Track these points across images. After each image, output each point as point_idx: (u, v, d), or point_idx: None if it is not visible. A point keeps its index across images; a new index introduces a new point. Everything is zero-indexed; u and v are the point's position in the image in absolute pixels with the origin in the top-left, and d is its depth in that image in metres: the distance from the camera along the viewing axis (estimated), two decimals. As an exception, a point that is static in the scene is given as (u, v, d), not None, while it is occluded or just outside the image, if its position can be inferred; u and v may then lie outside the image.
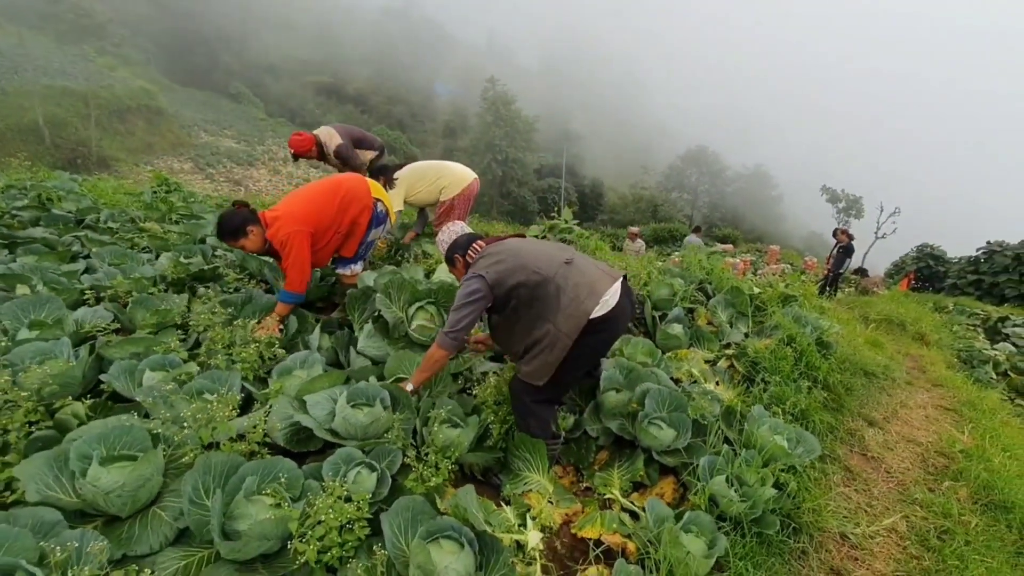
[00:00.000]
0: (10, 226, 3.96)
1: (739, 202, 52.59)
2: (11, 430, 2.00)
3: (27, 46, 28.13)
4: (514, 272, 2.29)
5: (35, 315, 2.71)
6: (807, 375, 3.41)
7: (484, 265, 2.35)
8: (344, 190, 3.21)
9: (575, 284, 2.27)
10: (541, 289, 2.27)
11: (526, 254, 2.37)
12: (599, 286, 2.29)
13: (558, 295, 2.25)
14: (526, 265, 2.31)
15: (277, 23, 56.26)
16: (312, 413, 2.31)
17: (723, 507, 2.27)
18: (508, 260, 2.34)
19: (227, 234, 2.95)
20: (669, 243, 22.30)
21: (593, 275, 2.34)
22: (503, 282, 2.29)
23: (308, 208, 3.07)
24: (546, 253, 2.41)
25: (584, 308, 2.22)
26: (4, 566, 1.52)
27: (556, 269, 2.31)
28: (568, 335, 2.21)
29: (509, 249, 2.42)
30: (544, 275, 2.28)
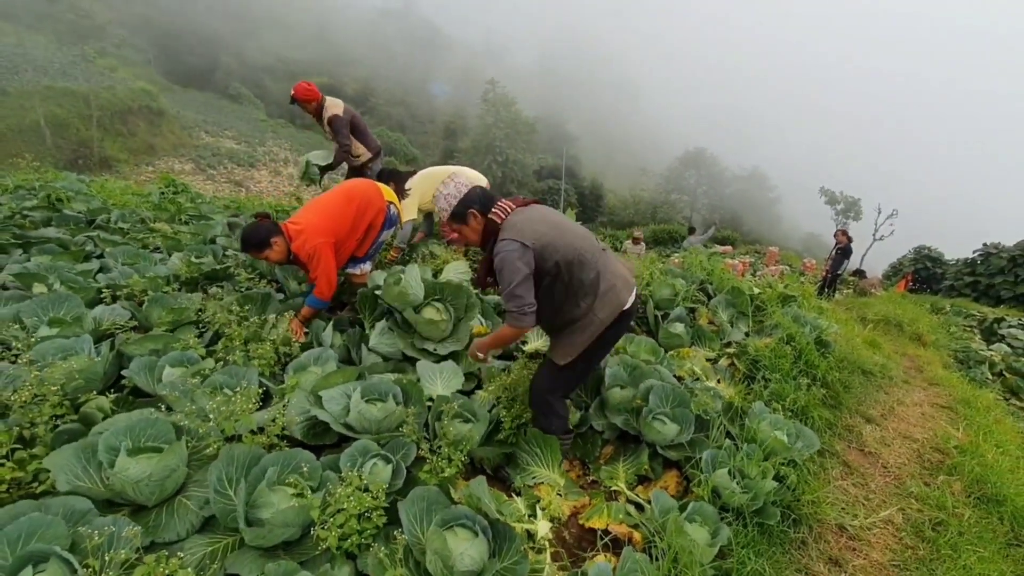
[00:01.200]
0: (22, 226, 4.03)
1: (737, 204, 52.79)
2: (38, 423, 2.07)
3: (26, 46, 28.16)
4: (559, 247, 2.18)
5: (54, 313, 2.78)
6: (806, 373, 3.49)
7: (527, 231, 2.16)
8: (359, 197, 3.31)
9: (613, 273, 2.32)
10: (584, 271, 2.22)
11: (568, 231, 2.27)
12: (628, 279, 2.38)
13: (598, 281, 2.26)
14: (572, 243, 2.22)
15: (275, 24, 56.32)
16: (328, 408, 2.39)
17: (725, 498, 2.35)
18: (551, 231, 2.21)
19: (252, 247, 3.00)
20: (668, 244, 22.41)
21: (623, 269, 2.42)
22: (546, 254, 2.16)
23: (328, 220, 3.16)
24: (584, 235, 2.35)
25: (621, 298, 2.28)
26: (39, 552, 1.59)
27: (597, 255, 2.31)
28: (603, 322, 2.26)
29: (547, 219, 2.27)
30: (587, 258, 2.23)
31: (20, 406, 2.09)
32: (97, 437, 1.97)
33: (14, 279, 3.07)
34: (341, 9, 67.16)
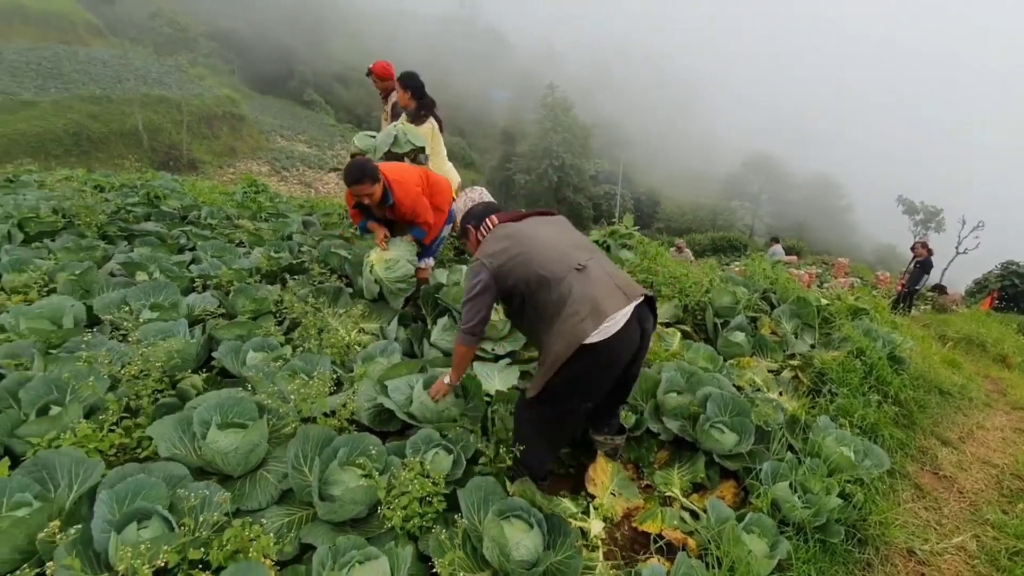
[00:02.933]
0: (126, 220, 4.49)
1: (804, 211, 50.18)
2: (143, 396, 2.31)
3: (129, 57, 31.07)
4: (517, 266, 2.03)
5: (155, 299, 3.09)
6: (877, 389, 3.33)
7: (490, 250, 2.11)
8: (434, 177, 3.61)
9: (580, 297, 1.94)
10: (544, 293, 2.00)
11: (537, 246, 2.08)
12: (606, 305, 1.92)
13: (560, 305, 1.96)
14: (532, 260, 2.02)
15: (346, 34, 59.03)
16: (392, 397, 2.52)
17: (785, 512, 2.29)
18: (514, 248, 2.07)
19: (367, 177, 3.17)
20: (728, 252, 21.65)
21: (603, 290, 1.97)
22: (505, 276, 2.05)
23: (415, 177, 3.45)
24: (560, 249, 2.09)
25: (579, 330, 1.88)
26: (143, 510, 1.78)
27: (565, 273, 2.00)
28: (559, 356, 1.92)
29: (521, 234, 2.13)
30: (549, 278, 1.99)
31: (128, 380, 2.36)
32: (192, 411, 2.18)
33: (121, 268, 3.44)
34: (408, 18, 69.51)
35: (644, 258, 4.48)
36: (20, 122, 23.51)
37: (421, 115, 4.43)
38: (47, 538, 1.56)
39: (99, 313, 2.93)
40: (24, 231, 4.04)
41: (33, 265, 3.34)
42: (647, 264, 4.31)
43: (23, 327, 2.69)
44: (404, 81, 4.40)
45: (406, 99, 4.42)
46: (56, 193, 5.12)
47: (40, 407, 2.13)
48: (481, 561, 1.92)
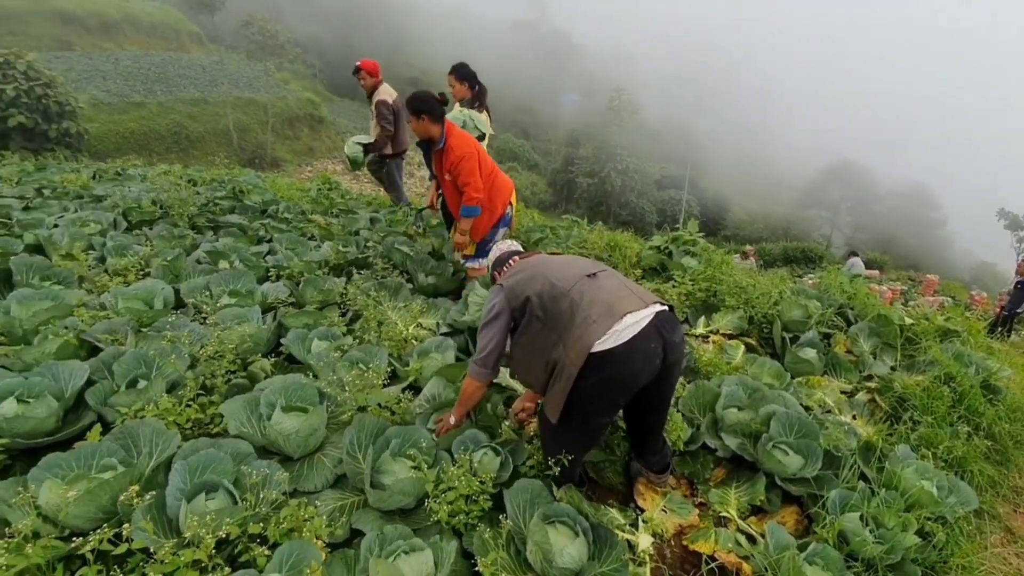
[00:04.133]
0: (214, 212, 4.85)
1: (891, 223, 46.46)
2: (217, 375, 2.48)
3: (224, 63, 33.76)
4: (530, 282, 2.05)
5: (233, 286, 3.32)
6: (967, 420, 3.01)
7: (507, 276, 2.19)
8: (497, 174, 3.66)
9: (590, 301, 1.92)
10: (556, 303, 1.98)
11: (550, 265, 2.14)
12: (618, 308, 1.88)
13: (572, 312, 1.93)
14: (545, 275, 2.05)
15: (419, 39, 61.02)
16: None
17: (854, 546, 2.12)
18: (528, 270, 2.13)
19: (423, 107, 3.36)
20: (802, 264, 20.42)
21: (616, 295, 1.95)
22: (519, 293, 2.05)
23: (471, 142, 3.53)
24: (572, 265, 2.13)
25: (590, 333, 1.84)
26: (211, 482, 1.89)
27: (574, 282, 2.00)
28: (574, 363, 1.86)
29: (535, 261, 2.23)
30: (561, 287, 1.99)
31: (205, 360, 2.54)
32: (259, 393, 2.31)
33: (206, 256, 3.71)
34: (477, 23, 70.87)
35: (708, 266, 4.30)
36: (130, 122, 26.02)
37: (476, 105, 4.54)
38: (127, 501, 1.70)
39: (185, 297, 3.18)
40: (127, 219, 4.46)
41: (132, 250, 3.68)
42: (711, 272, 4.14)
43: (120, 306, 2.96)
44: (459, 72, 4.51)
45: (463, 90, 4.54)
46: (156, 186, 5.63)
47: (130, 380, 2.34)
48: (524, 564, 1.91)
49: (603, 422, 2.13)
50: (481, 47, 62.87)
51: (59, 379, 2.29)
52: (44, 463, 1.85)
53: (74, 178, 5.88)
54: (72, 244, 3.70)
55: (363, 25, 58.05)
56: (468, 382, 2.22)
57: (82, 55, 32.09)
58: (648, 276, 4.48)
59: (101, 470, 1.89)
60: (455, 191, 3.56)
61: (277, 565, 1.64)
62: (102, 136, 23.07)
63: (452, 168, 3.42)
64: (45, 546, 1.58)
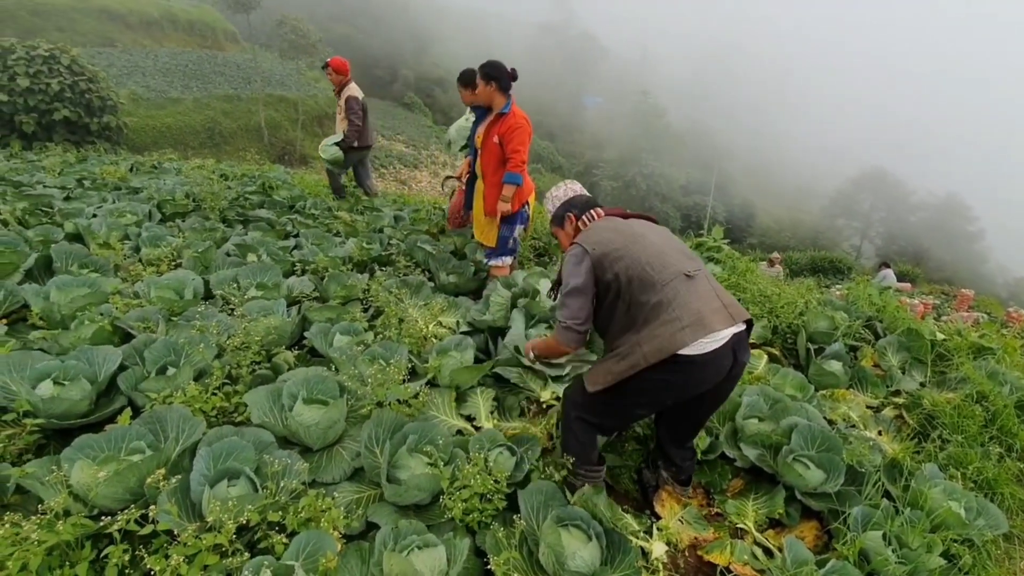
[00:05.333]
0: (244, 207, 4.97)
1: (924, 235, 45.02)
2: (242, 365, 2.54)
3: (258, 60, 34.54)
4: (622, 256, 1.91)
5: (260, 279, 3.39)
6: (1000, 441, 2.91)
7: (595, 238, 1.99)
8: None
9: (683, 304, 1.83)
10: (644, 293, 1.86)
11: (645, 244, 1.96)
12: (710, 321, 1.81)
13: (660, 309, 1.84)
14: (639, 256, 1.91)
15: (448, 40, 61.52)
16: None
17: (875, 565, 2.07)
18: (620, 240, 1.96)
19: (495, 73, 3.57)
20: (830, 274, 19.94)
21: (709, 305, 1.86)
22: (606, 264, 1.91)
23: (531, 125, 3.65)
24: (668, 253, 1.97)
25: (677, 339, 1.78)
26: (233, 469, 1.94)
27: (671, 277, 1.88)
28: (646, 358, 1.81)
29: (629, 230, 2.02)
30: (654, 278, 1.87)
31: (231, 350, 2.60)
32: (282, 384, 2.35)
33: (235, 249, 3.81)
34: (505, 25, 71.08)
35: (732, 273, 4.24)
36: (167, 117, 26.80)
37: None
38: (153, 484, 1.76)
39: (214, 288, 3.27)
40: (162, 211, 4.61)
41: (165, 241, 3.80)
42: (735, 280, 4.08)
43: (153, 295, 3.06)
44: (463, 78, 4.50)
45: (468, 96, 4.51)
46: (189, 180, 5.80)
47: (160, 367, 2.41)
48: (536, 565, 1.91)
49: (640, 414, 2.11)
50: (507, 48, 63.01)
51: (93, 363, 2.37)
52: (77, 444, 1.92)
53: (113, 170, 6.10)
54: (109, 234, 3.83)
55: (391, 26, 58.78)
56: (556, 345, 2.12)
57: (123, 51, 33.17)
58: (670, 282, 4.43)
59: (130, 453, 1.96)
60: (498, 156, 3.65)
61: (294, 553, 1.68)
62: (140, 130, 23.81)
63: (507, 132, 3.53)
64: (75, 524, 1.64)
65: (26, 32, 23.05)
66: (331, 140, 5.44)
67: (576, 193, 2.26)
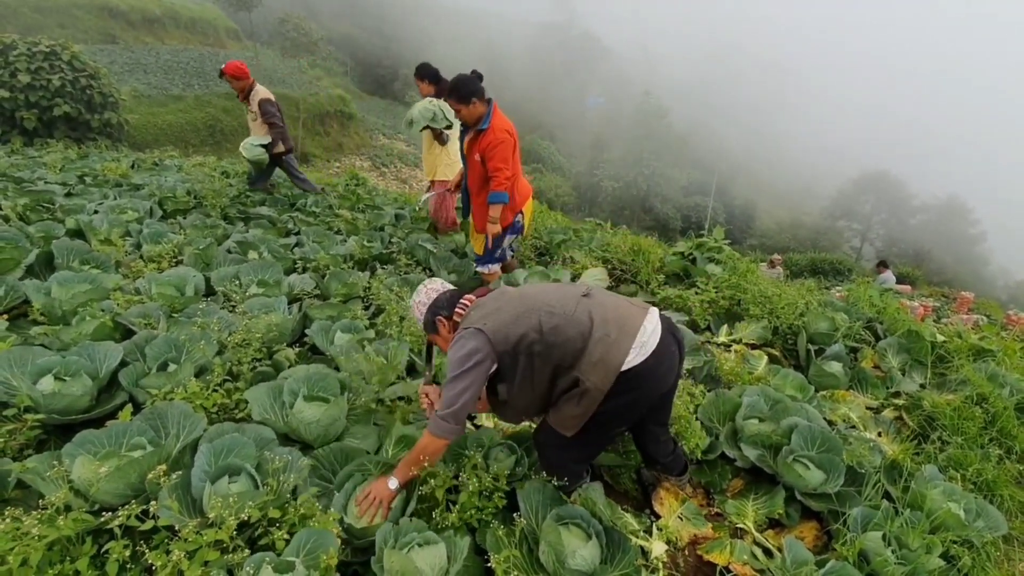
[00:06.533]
0: (245, 204, 4.97)
1: (925, 237, 45.01)
2: (243, 362, 2.54)
3: (259, 59, 34.54)
4: (520, 318, 1.82)
5: (261, 276, 3.40)
6: (999, 443, 2.91)
7: (479, 317, 1.87)
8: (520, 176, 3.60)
9: (601, 320, 1.80)
10: (559, 332, 1.79)
11: (532, 295, 1.93)
12: (631, 322, 1.81)
13: (584, 335, 1.79)
14: (534, 307, 1.85)
15: (449, 39, 61.45)
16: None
17: (875, 565, 2.07)
18: (509, 306, 1.88)
19: (462, 96, 3.31)
20: (830, 276, 19.95)
21: (619, 309, 1.87)
22: (508, 334, 1.80)
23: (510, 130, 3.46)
24: (557, 290, 1.98)
25: (613, 352, 1.76)
26: (234, 466, 1.94)
27: (575, 305, 1.85)
28: (598, 387, 1.77)
29: (509, 295, 1.96)
30: (560, 313, 1.82)
31: (232, 347, 2.60)
32: (283, 381, 2.36)
33: (237, 246, 3.81)
34: (507, 24, 71.06)
35: (733, 274, 4.24)
36: (168, 114, 26.77)
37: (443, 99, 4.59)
38: (155, 479, 1.76)
39: (215, 285, 3.27)
40: (163, 208, 4.61)
41: (167, 238, 3.80)
42: (735, 280, 4.08)
43: (154, 291, 3.06)
44: (419, 72, 4.68)
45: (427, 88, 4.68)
46: (191, 177, 5.80)
47: (161, 363, 2.41)
48: (536, 564, 1.91)
49: (621, 431, 2.07)
50: (508, 48, 63.04)
51: (94, 359, 2.37)
52: (78, 439, 1.92)
53: (114, 167, 6.10)
54: (111, 230, 3.84)
55: (392, 24, 58.78)
56: (430, 441, 1.86)
57: (125, 48, 33.13)
58: (671, 282, 4.44)
59: (131, 448, 1.96)
60: (481, 174, 3.49)
61: (295, 550, 1.68)
62: (141, 127, 23.76)
63: (487, 149, 3.34)
64: (76, 519, 1.64)
65: (27, 28, 23.05)
66: (256, 140, 5.12)
67: (438, 292, 2.09)
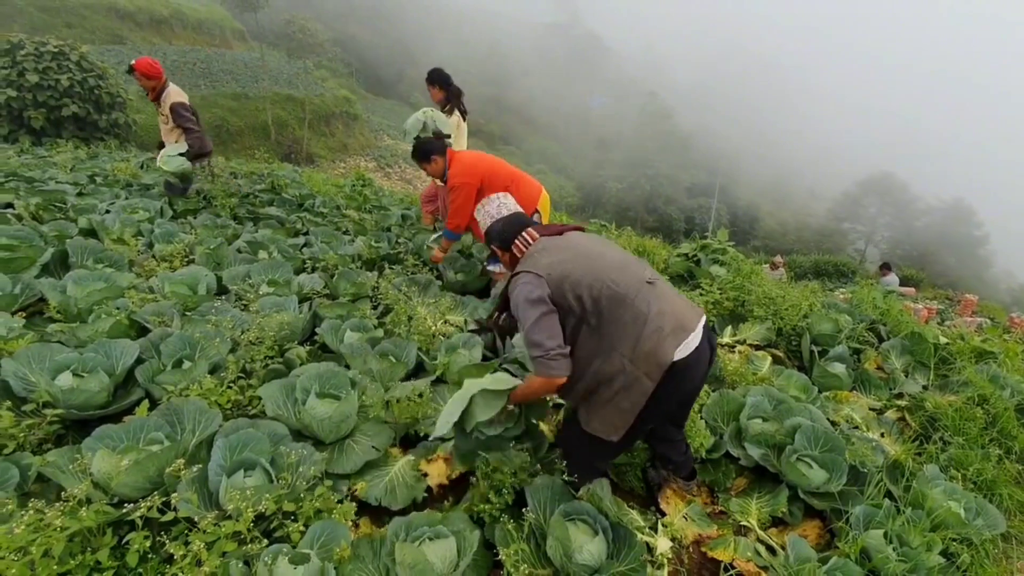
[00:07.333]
0: (254, 204, 5.03)
1: (929, 240, 44.87)
2: (256, 360, 2.59)
3: (265, 59, 34.70)
4: (581, 279, 1.78)
5: (272, 275, 3.45)
6: (999, 443, 2.94)
7: (542, 262, 1.84)
8: (521, 187, 3.60)
9: (659, 312, 1.77)
10: (615, 312, 1.77)
11: (600, 259, 1.86)
12: (686, 320, 1.80)
13: (638, 323, 1.76)
14: (600, 274, 1.79)
15: (453, 40, 61.59)
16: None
17: (876, 563, 2.10)
18: (573, 261, 1.83)
19: (421, 156, 3.60)
20: (834, 278, 19.91)
21: (677, 305, 1.84)
22: (565, 287, 1.78)
23: (485, 168, 3.55)
24: (625, 263, 1.89)
25: (666, 346, 1.73)
26: (249, 460, 1.98)
27: (638, 288, 1.80)
28: (649, 376, 1.75)
29: (575, 247, 1.90)
30: (622, 292, 1.78)
31: (245, 344, 2.65)
32: (295, 379, 2.40)
33: (247, 246, 3.86)
34: (512, 25, 71.14)
35: (736, 275, 4.27)
36: (174, 114, 26.92)
37: (447, 108, 4.71)
38: (173, 473, 1.81)
39: (227, 284, 3.32)
40: (173, 208, 4.67)
41: (178, 238, 3.86)
42: (739, 281, 4.11)
43: (167, 290, 3.11)
44: (430, 77, 4.72)
45: (437, 93, 4.73)
46: (199, 177, 5.85)
47: (176, 360, 2.46)
48: (544, 558, 1.95)
49: (649, 427, 2.03)
50: (513, 48, 63.08)
51: (111, 356, 2.42)
52: (97, 434, 1.97)
53: (124, 167, 6.16)
54: (123, 229, 3.89)
55: (397, 26, 58.94)
56: (537, 380, 1.84)
57: (132, 49, 33.27)
58: (675, 283, 4.48)
59: (149, 443, 2.01)
60: None
61: (309, 542, 1.73)
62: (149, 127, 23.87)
63: (449, 193, 3.57)
64: (98, 511, 1.69)
65: (35, 28, 23.21)
66: (173, 150, 4.66)
67: (509, 210, 2.09)
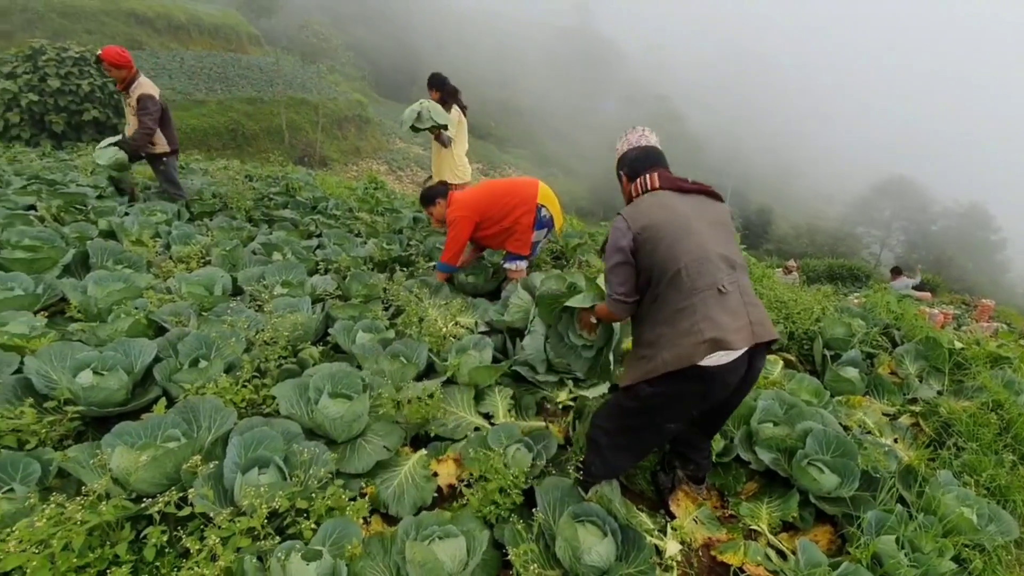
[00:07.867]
0: (268, 207, 5.11)
1: (946, 244, 44.17)
2: (270, 360, 2.63)
3: (280, 64, 35.21)
4: (659, 249, 1.84)
5: (286, 277, 3.50)
6: (1014, 449, 2.90)
7: (643, 218, 1.91)
8: (514, 191, 3.70)
9: (707, 317, 1.76)
10: (672, 294, 1.82)
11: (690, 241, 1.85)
12: (731, 340, 1.74)
13: (683, 315, 1.79)
14: (679, 255, 1.82)
15: (462, 43, 61.89)
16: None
17: (887, 568, 2.09)
18: (667, 229, 1.86)
19: (425, 201, 3.86)
20: (848, 282, 19.66)
21: (735, 323, 1.78)
22: (646, 249, 1.87)
23: (480, 200, 3.69)
24: (712, 257, 1.85)
25: (695, 352, 1.74)
26: (263, 458, 2.02)
27: (704, 288, 1.80)
28: (665, 363, 1.79)
29: (679, 212, 1.91)
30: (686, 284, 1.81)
31: (260, 344, 2.70)
32: (308, 378, 2.43)
33: (261, 247, 3.93)
34: (521, 28, 71.34)
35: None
36: (192, 119, 27.35)
37: (445, 104, 4.90)
38: (189, 469, 1.85)
39: (242, 285, 3.38)
40: (190, 210, 4.76)
41: (195, 239, 3.93)
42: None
43: (184, 291, 3.18)
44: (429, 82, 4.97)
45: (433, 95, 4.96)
46: (216, 180, 5.96)
47: (192, 359, 2.51)
48: (552, 559, 1.96)
49: (671, 429, 2.06)
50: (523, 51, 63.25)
51: (130, 355, 2.48)
52: (116, 430, 2.02)
53: (142, 170, 6.28)
54: (141, 231, 3.98)
55: (410, 29, 59.39)
56: (607, 312, 2.18)
57: (150, 54, 33.88)
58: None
59: (166, 440, 2.05)
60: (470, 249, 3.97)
61: (321, 539, 1.75)
62: (167, 131, 24.34)
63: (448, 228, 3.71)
64: (116, 505, 1.73)
65: (56, 34, 23.72)
66: (107, 142, 4.62)
67: (632, 146, 2.16)
